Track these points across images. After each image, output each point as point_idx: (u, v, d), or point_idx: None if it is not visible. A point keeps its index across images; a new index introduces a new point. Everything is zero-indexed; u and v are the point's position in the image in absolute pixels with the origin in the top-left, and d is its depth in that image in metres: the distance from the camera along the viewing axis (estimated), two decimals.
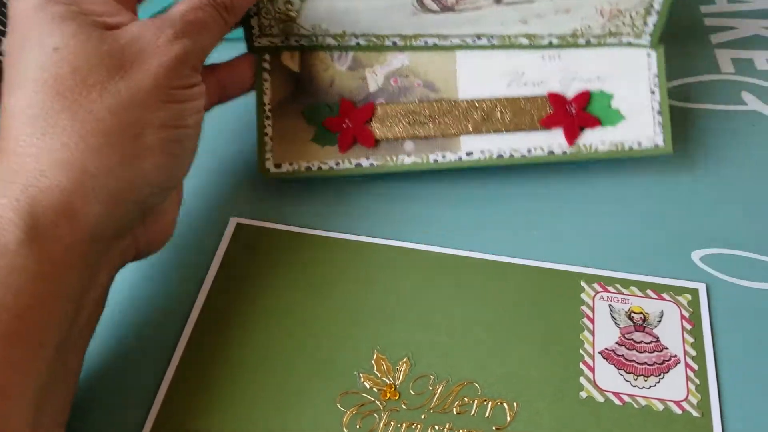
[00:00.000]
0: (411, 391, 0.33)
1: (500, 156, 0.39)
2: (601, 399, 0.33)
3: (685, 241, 0.39)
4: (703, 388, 0.33)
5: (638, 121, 0.39)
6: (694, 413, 0.32)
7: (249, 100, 0.40)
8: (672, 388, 0.33)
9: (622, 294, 0.37)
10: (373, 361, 0.34)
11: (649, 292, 0.37)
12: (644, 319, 0.36)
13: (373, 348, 0.35)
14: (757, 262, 0.38)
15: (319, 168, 0.39)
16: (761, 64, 0.49)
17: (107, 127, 0.28)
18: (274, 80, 0.40)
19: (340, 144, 0.39)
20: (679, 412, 0.32)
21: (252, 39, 0.39)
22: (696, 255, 0.38)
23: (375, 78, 0.40)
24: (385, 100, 0.40)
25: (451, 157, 0.39)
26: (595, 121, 0.39)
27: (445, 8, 0.38)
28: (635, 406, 0.33)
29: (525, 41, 0.39)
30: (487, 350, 0.35)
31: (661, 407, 0.32)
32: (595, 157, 0.39)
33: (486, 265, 0.38)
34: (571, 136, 0.39)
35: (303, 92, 0.40)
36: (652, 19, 0.39)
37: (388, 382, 0.34)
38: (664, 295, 0.36)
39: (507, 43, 0.39)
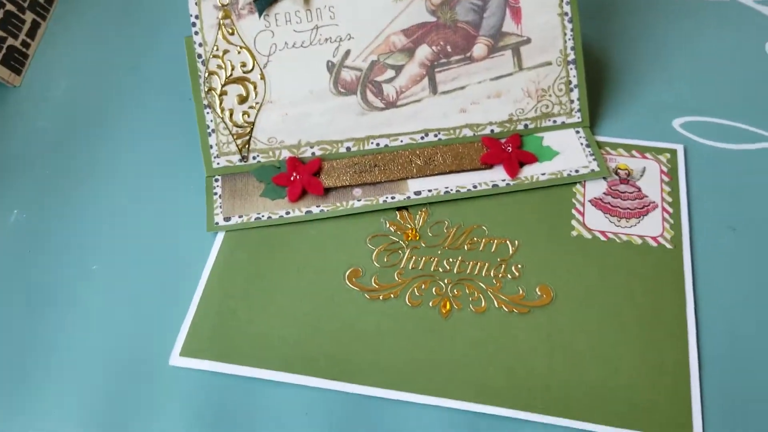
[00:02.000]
0: (429, 233, 0.40)
1: (447, 192, 0.41)
2: (588, 236, 0.39)
3: (667, 110, 0.44)
4: (676, 227, 0.39)
5: (571, 154, 0.42)
6: (668, 246, 0.38)
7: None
8: (649, 227, 0.39)
9: (610, 154, 0.42)
10: (396, 212, 0.41)
11: (633, 152, 0.42)
12: (629, 174, 0.41)
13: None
14: (729, 128, 0.43)
15: (269, 217, 0.40)
16: None
17: None
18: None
19: (289, 195, 0.41)
20: (655, 245, 0.38)
21: (210, 162, 0.41)
22: (676, 122, 0.44)
23: None
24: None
25: (400, 197, 0.41)
26: (533, 157, 0.42)
27: (389, 104, 0.41)
28: (617, 241, 0.39)
29: (469, 132, 0.42)
30: (493, 200, 0.41)
31: (639, 241, 0.39)
32: (537, 185, 0.41)
33: None
34: (513, 171, 0.41)
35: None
36: (575, 94, 0.42)
37: (410, 226, 0.40)
38: (647, 155, 0.42)
39: (453, 137, 0.42)
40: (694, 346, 0.35)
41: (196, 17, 0.40)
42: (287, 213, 0.40)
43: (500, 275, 0.38)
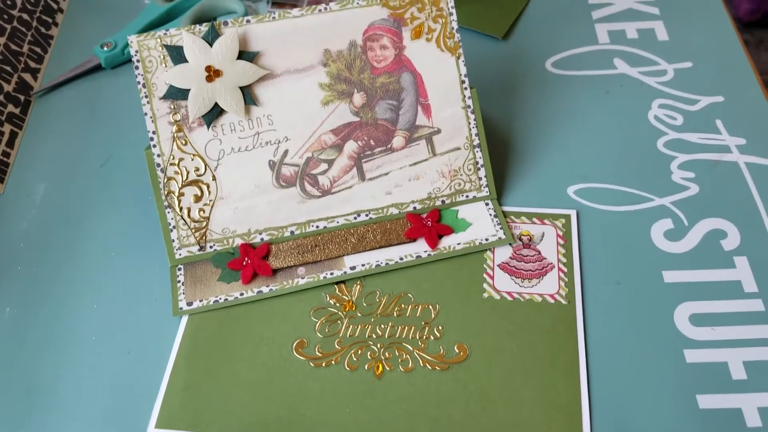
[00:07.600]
0: (363, 303, 0.47)
1: (378, 265, 0.47)
2: (498, 297, 0.46)
3: (562, 179, 0.52)
4: (570, 284, 0.46)
5: (482, 225, 0.49)
6: (563, 301, 0.46)
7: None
8: (548, 286, 0.46)
9: (515, 222, 0.50)
10: (335, 286, 0.47)
11: (534, 219, 0.50)
12: (530, 239, 0.49)
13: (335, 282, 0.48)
14: (615, 191, 0.51)
15: (225, 299, 0.46)
16: (631, 33, 0.61)
17: None
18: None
19: (243, 278, 0.47)
20: (552, 301, 0.46)
21: (173, 253, 0.48)
22: (570, 189, 0.51)
23: None
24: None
25: (338, 273, 0.47)
26: (449, 230, 0.49)
27: (325, 192, 0.49)
28: (522, 299, 0.46)
29: (395, 210, 0.49)
30: (417, 269, 0.48)
31: (539, 299, 0.46)
32: (454, 254, 0.48)
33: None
34: (433, 242, 0.48)
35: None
36: (482, 172, 0.50)
37: (347, 298, 0.47)
38: (545, 221, 0.50)
39: (381, 215, 0.49)
40: (585, 386, 0.42)
41: (153, 132, 0.47)
42: (241, 294, 0.47)
43: (424, 337, 0.45)
